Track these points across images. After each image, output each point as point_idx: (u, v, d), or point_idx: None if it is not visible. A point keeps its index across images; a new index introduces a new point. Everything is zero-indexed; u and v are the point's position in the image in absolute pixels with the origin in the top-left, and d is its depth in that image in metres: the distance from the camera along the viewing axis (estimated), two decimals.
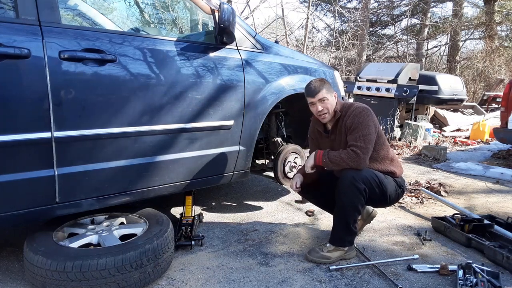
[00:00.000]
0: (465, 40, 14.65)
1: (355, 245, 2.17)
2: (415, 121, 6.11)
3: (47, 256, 1.56)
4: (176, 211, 2.71)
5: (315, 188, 2.25)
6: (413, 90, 5.72)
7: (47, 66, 1.54)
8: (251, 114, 2.31)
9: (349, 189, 1.91)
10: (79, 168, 1.71)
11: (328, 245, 2.03)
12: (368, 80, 6.45)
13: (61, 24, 1.62)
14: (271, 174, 2.96)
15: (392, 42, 15.00)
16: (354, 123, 1.96)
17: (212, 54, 2.10)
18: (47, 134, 1.58)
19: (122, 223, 2.01)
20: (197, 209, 2.71)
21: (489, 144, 6.00)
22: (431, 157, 4.79)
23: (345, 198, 1.93)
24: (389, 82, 6.04)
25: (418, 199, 3.11)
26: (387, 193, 2.02)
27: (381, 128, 2.19)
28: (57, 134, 1.60)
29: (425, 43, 14.87)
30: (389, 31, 15.85)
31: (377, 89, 6.16)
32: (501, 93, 5.97)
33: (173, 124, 1.97)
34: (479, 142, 6.15)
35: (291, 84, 2.54)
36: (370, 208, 2.32)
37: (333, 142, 2.11)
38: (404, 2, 14.59)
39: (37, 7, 1.55)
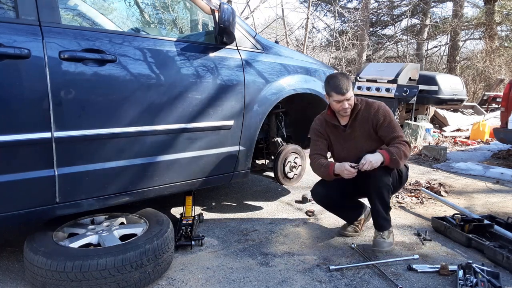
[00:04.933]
0: (465, 40, 14.66)
1: (355, 245, 2.18)
2: (415, 121, 6.11)
3: (47, 256, 1.56)
4: (176, 211, 2.71)
5: (333, 198, 2.27)
6: (413, 90, 5.72)
7: (47, 66, 1.54)
8: (251, 114, 2.31)
9: (386, 188, 2.05)
10: (79, 168, 1.71)
11: (381, 233, 2.10)
12: (368, 80, 6.46)
13: (61, 24, 1.62)
14: (271, 174, 2.96)
15: (392, 42, 15.00)
16: (385, 117, 2.09)
17: (212, 54, 2.10)
18: (47, 134, 1.58)
19: (122, 223, 2.01)
20: (197, 209, 2.71)
21: (489, 144, 6.00)
22: (431, 157, 4.79)
23: (382, 187, 2.04)
24: (389, 82, 6.05)
25: (418, 199, 3.11)
26: (402, 174, 2.22)
27: None
28: (57, 134, 1.60)
29: (425, 43, 14.87)
30: (389, 31, 15.87)
31: (377, 89, 6.17)
32: (501, 93, 5.97)
33: (173, 124, 1.97)
34: (479, 142, 6.15)
35: (291, 84, 2.54)
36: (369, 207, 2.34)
37: (351, 136, 2.16)
38: (404, 2, 14.61)
39: (37, 7, 1.55)
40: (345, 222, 2.39)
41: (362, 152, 2.09)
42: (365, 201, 2.45)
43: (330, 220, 2.59)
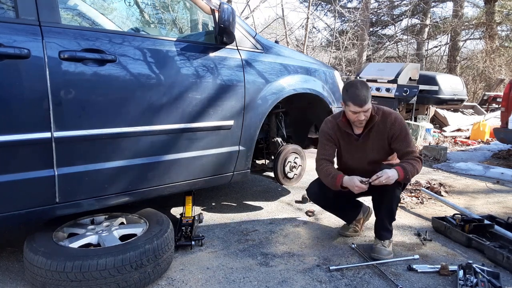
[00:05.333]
0: (465, 40, 14.66)
1: (355, 245, 2.18)
2: (415, 121, 6.11)
3: (47, 256, 1.56)
4: (176, 211, 2.71)
5: (332, 198, 2.24)
6: (413, 90, 5.72)
7: (47, 66, 1.54)
8: (251, 114, 2.31)
9: (394, 188, 2.01)
10: (79, 168, 1.71)
11: (383, 241, 2.09)
12: (368, 80, 6.46)
13: (61, 24, 1.62)
14: (271, 174, 2.96)
15: (392, 42, 15.00)
16: (401, 130, 2.03)
17: (212, 54, 2.10)
18: (47, 134, 1.58)
19: (122, 223, 2.01)
20: (197, 209, 2.71)
21: (489, 144, 6.00)
22: (431, 157, 4.79)
23: (392, 198, 2.05)
24: (389, 82, 6.05)
25: (418, 199, 3.11)
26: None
27: None
28: (57, 134, 1.60)
29: (425, 43, 14.87)
30: (389, 31, 15.86)
31: (377, 89, 6.17)
32: (501, 93, 5.97)
33: (173, 124, 1.97)
34: (479, 142, 6.15)
35: (291, 84, 2.53)
36: (367, 205, 2.35)
37: (363, 146, 2.09)
38: (404, 2, 14.60)
39: (37, 7, 1.55)
40: (345, 223, 2.39)
41: (370, 163, 2.07)
42: (364, 200, 2.45)
43: (330, 220, 2.59)
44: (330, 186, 2.06)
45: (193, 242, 2.09)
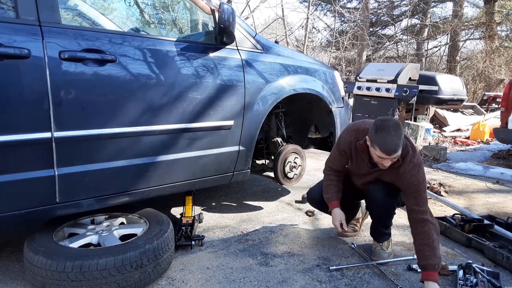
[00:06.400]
0: (465, 40, 14.66)
1: (355, 245, 2.18)
2: (415, 121, 6.11)
3: (47, 256, 1.56)
4: (176, 211, 2.71)
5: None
6: (413, 90, 5.72)
7: (47, 66, 1.54)
8: (251, 114, 2.31)
9: (385, 208, 1.99)
10: (79, 168, 1.71)
11: (381, 244, 2.07)
12: (368, 80, 6.46)
13: (61, 24, 1.62)
14: (271, 174, 2.96)
15: (392, 42, 15.01)
16: (418, 187, 1.79)
17: (212, 54, 2.10)
18: (47, 134, 1.58)
19: (122, 223, 2.01)
20: (197, 209, 2.71)
21: (489, 144, 6.01)
22: (431, 157, 4.79)
23: (383, 216, 2.03)
24: (389, 82, 6.04)
25: None
26: None
27: None
28: (57, 134, 1.60)
29: (425, 43, 14.88)
30: (389, 31, 15.87)
31: (377, 89, 6.17)
32: (501, 93, 5.97)
33: (173, 124, 1.97)
34: (479, 142, 6.15)
35: (291, 84, 2.54)
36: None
37: (375, 175, 1.98)
38: (404, 2, 14.61)
39: (37, 7, 1.55)
40: None
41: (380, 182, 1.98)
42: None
43: (330, 220, 2.58)
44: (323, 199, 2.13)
45: (193, 242, 2.09)
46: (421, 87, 5.94)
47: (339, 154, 2.06)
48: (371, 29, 15.13)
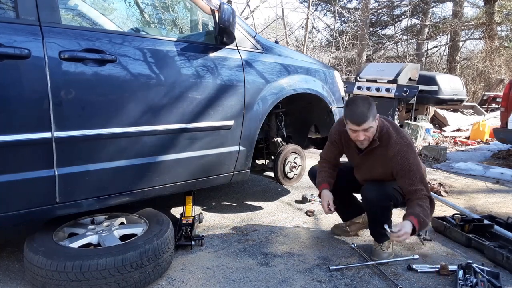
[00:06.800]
0: (465, 40, 14.67)
1: (355, 245, 2.18)
2: (415, 121, 6.11)
3: (47, 256, 1.56)
4: (176, 211, 2.71)
5: (335, 189, 2.20)
6: (413, 90, 5.73)
7: (47, 66, 1.54)
8: (251, 114, 2.31)
9: (379, 208, 1.96)
10: (80, 168, 1.71)
11: (381, 244, 2.05)
12: (368, 80, 6.46)
13: (61, 24, 1.62)
14: (271, 174, 2.96)
15: (392, 42, 15.01)
16: (404, 164, 1.83)
17: (212, 54, 2.11)
18: (47, 134, 1.58)
19: (122, 223, 2.01)
20: (197, 209, 2.71)
21: (489, 144, 6.01)
22: (431, 157, 4.79)
23: (378, 216, 1.99)
24: (389, 82, 6.05)
25: None
26: None
27: None
28: (57, 134, 1.60)
29: (425, 43, 14.88)
30: (389, 31, 15.87)
31: (377, 89, 6.17)
32: (501, 93, 5.97)
33: (173, 124, 1.97)
34: (479, 142, 6.15)
35: (291, 84, 2.54)
36: None
37: (363, 162, 2.02)
38: (404, 2, 14.61)
39: (37, 7, 1.55)
40: (338, 222, 2.40)
41: (375, 176, 1.99)
42: None
43: (330, 220, 2.59)
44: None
45: (193, 242, 2.09)
46: (421, 87, 5.95)
47: (331, 144, 2.16)
48: (371, 29, 15.13)
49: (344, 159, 2.24)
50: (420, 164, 1.90)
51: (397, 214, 2.74)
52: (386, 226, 1.83)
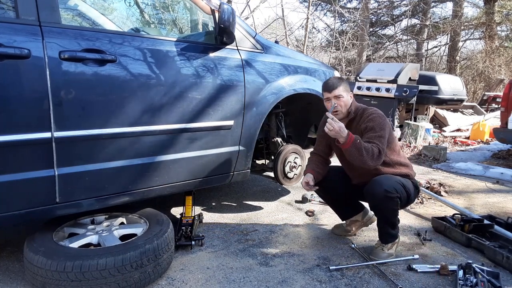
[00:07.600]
0: (465, 40, 14.66)
1: (355, 245, 2.18)
2: (415, 121, 6.11)
3: (47, 256, 1.56)
4: (176, 211, 2.71)
5: (329, 186, 2.23)
6: (413, 90, 5.72)
7: (47, 66, 1.54)
8: (251, 114, 2.31)
9: (386, 201, 1.94)
10: (79, 168, 1.71)
11: (385, 245, 2.05)
12: (368, 80, 6.46)
13: (61, 24, 1.62)
14: (271, 174, 2.96)
15: (392, 42, 14.99)
16: (370, 126, 1.98)
17: (212, 54, 2.11)
18: (47, 134, 1.58)
19: (122, 223, 2.01)
20: (197, 209, 2.71)
21: (489, 144, 6.01)
22: (431, 157, 4.79)
23: (385, 211, 1.99)
24: (389, 82, 6.05)
25: (418, 199, 3.11)
26: (411, 195, 2.07)
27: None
28: (57, 134, 1.60)
29: (425, 43, 14.86)
30: (389, 31, 15.85)
31: (377, 89, 6.17)
32: (501, 93, 5.97)
33: (173, 124, 1.97)
34: (479, 142, 6.15)
35: (291, 84, 2.54)
36: (371, 212, 2.32)
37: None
38: (404, 2, 14.59)
39: (37, 7, 1.55)
40: (338, 222, 2.40)
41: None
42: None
43: (330, 220, 2.59)
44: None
45: (193, 242, 2.09)
46: (421, 87, 5.94)
47: (320, 136, 2.26)
48: (371, 29, 15.12)
49: (336, 162, 2.25)
50: (385, 131, 1.97)
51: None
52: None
